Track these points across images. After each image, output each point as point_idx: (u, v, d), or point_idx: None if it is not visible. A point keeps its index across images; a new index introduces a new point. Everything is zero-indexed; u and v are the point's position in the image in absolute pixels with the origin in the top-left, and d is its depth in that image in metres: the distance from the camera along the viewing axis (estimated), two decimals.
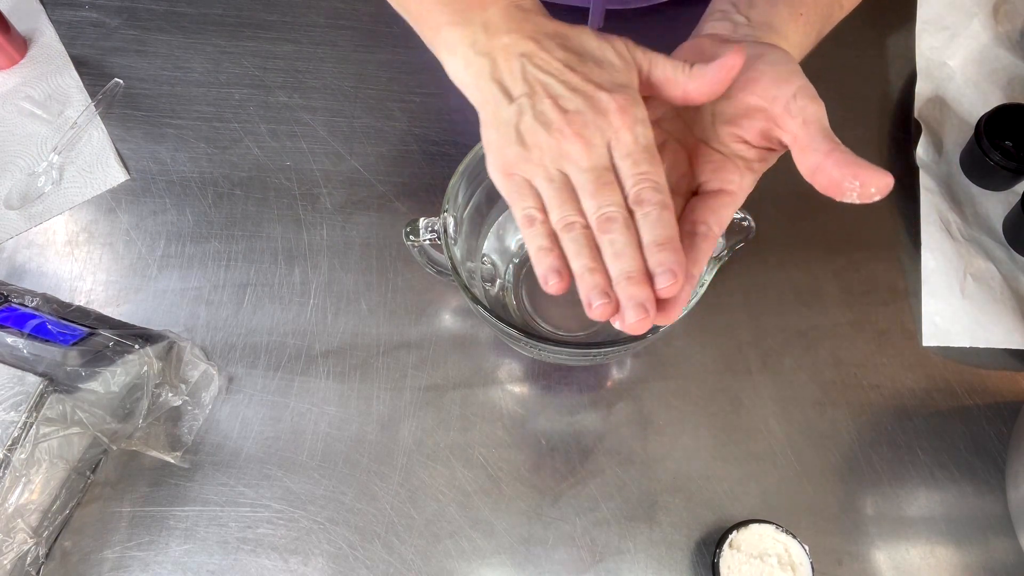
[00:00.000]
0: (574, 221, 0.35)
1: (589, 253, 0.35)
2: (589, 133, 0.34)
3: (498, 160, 0.36)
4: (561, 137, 0.34)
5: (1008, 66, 0.65)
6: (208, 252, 0.60)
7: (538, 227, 0.35)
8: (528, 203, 0.36)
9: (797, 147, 0.35)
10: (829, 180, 0.34)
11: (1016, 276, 0.58)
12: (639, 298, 0.33)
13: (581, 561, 0.51)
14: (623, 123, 0.34)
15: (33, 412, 0.45)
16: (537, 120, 0.35)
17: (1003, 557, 0.51)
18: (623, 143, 0.34)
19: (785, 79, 0.36)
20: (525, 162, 0.35)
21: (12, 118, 0.65)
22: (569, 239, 0.35)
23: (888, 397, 0.56)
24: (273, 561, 0.51)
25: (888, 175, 0.33)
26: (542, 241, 0.35)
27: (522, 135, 0.35)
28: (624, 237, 0.34)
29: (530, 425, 0.55)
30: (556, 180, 0.35)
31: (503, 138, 0.36)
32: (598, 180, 0.34)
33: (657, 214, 0.34)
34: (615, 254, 0.34)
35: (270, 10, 0.69)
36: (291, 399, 0.55)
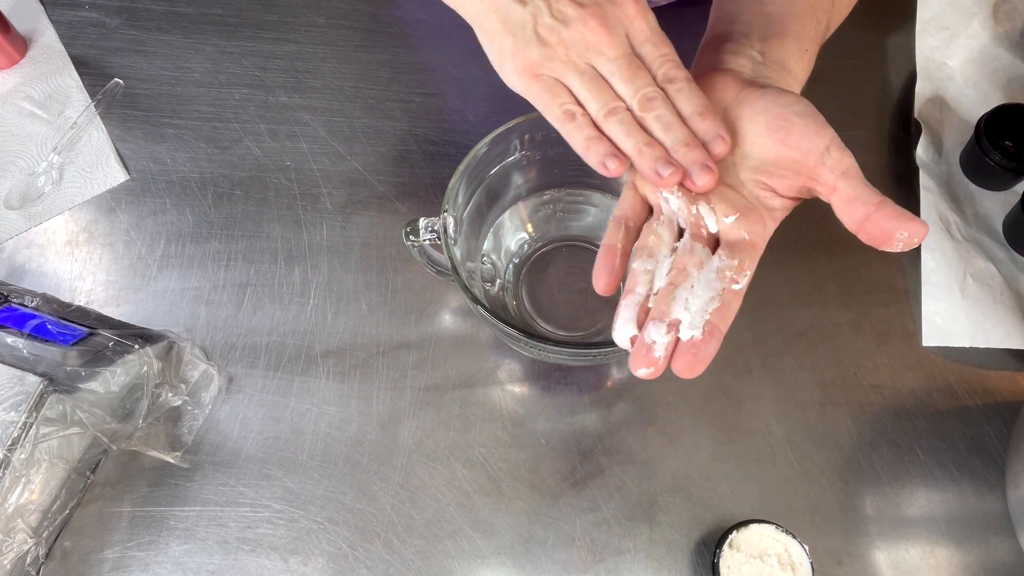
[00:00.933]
0: (617, 106, 0.36)
1: (639, 131, 0.36)
2: (610, 24, 0.36)
3: (520, 64, 0.37)
4: (585, 30, 0.35)
5: (1008, 66, 0.65)
6: (208, 252, 0.60)
7: (580, 119, 0.36)
8: (563, 99, 0.36)
9: (839, 199, 0.35)
10: (880, 232, 0.34)
11: (1016, 276, 0.58)
12: (701, 160, 0.35)
13: (581, 561, 0.51)
14: (637, 11, 0.36)
15: (33, 412, 0.45)
16: (555, 18, 0.36)
17: (1003, 557, 0.51)
18: (640, 30, 0.36)
19: (816, 132, 0.36)
20: (551, 60, 0.36)
21: (12, 118, 0.65)
22: (616, 122, 0.36)
23: (888, 397, 0.56)
24: (273, 561, 0.51)
25: (925, 225, 0.34)
26: (589, 131, 0.36)
27: (542, 35, 0.36)
28: (669, 111, 0.36)
29: (530, 425, 0.55)
30: (587, 72, 0.36)
31: (521, 41, 0.36)
32: (630, 65, 0.36)
33: (688, 88, 0.36)
34: (665, 127, 0.36)
35: (270, 10, 0.69)
36: (291, 399, 0.55)
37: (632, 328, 0.36)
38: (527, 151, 0.52)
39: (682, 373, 0.35)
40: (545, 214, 0.58)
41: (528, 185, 0.55)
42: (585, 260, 0.58)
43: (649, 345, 0.35)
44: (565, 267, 0.58)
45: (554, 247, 0.58)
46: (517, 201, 0.56)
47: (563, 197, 0.57)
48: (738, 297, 0.36)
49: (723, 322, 0.36)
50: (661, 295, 0.36)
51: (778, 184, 0.37)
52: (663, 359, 0.35)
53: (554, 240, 0.58)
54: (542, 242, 0.58)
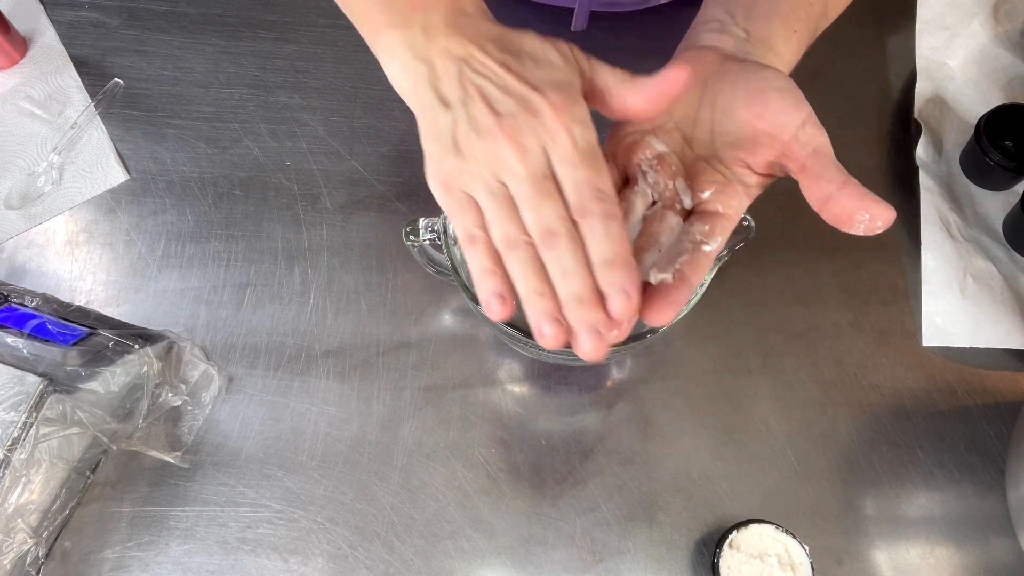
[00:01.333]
0: (517, 238, 0.32)
1: (535, 274, 0.32)
2: (523, 137, 0.32)
3: (437, 172, 0.34)
4: (494, 142, 0.32)
5: (1008, 66, 0.65)
6: (208, 252, 0.60)
7: (480, 247, 0.33)
8: (469, 219, 0.34)
9: (806, 176, 0.35)
10: (841, 211, 0.34)
11: (1016, 276, 0.58)
12: (592, 322, 0.31)
13: (581, 561, 0.51)
14: (559, 123, 0.32)
15: (33, 412, 0.45)
16: (471, 127, 0.33)
17: (1003, 557, 0.51)
18: (560, 146, 0.32)
19: (793, 107, 0.35)
20: (463, 174, 0.33)
21: (12, 118, 0.65)
22: (513, 258, 0.33)
23: (888, 397, 0.56)
24: (273, 561, 0.51)
25: (892, 209, 0.33)
26: (484, 262, 0.33)
27: (459, 144, 0.33)
28: (570, 253, 0.32)
29: (530, 425, 0.55)
30: (497, 192, 0.33)
31: (441, 149, 0.34)
32: (536, 190, 0.32)
33: (603, 227, 0.32)
34: (562, 273, 0.32)
35: (270, 10, 0.69)
36: (291, 399, 0.55)
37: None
38: None
39: (652, 319, 0.34)
40: None
41: None
42: None
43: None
44: None
45: None
46: None
47: None
48: (708, 257, 0.36)
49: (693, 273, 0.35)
50: None
51: (753, 159, 0.37)
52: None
53: None
54: None
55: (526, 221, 0.33)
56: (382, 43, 0.37)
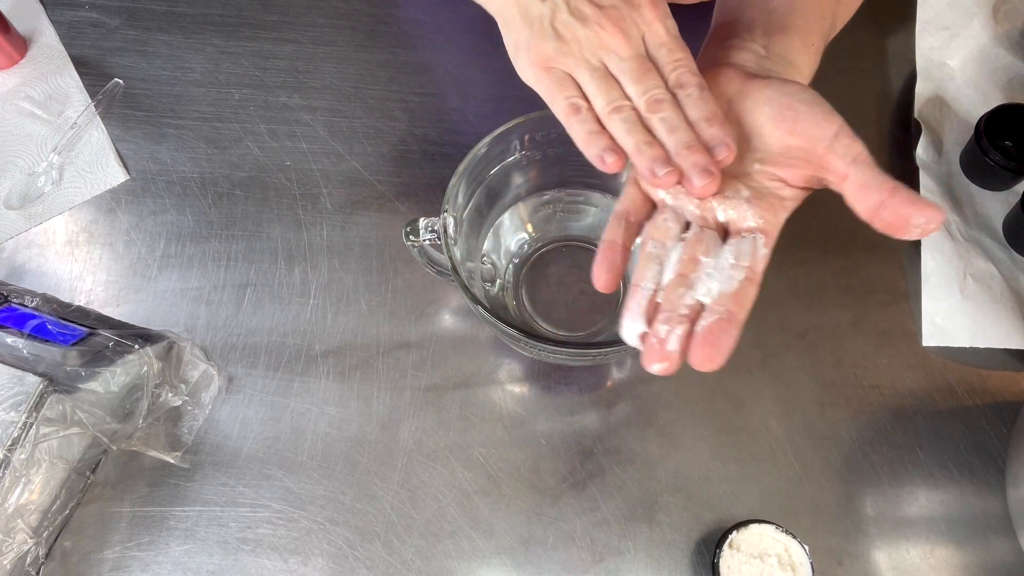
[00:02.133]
0: (622, 104, 0.36)
1: (642, 130, 0.36)
2: (626, 25, 0.36)
3: (534, 56, 0.37)
4: (600, 29, 0.36)
5: (1008, 66, 0.65)
6: (208, 252, 0.60)
7: (584, 113, 0.37)
8: (570, 92, 0.37)
9: (851, 187, 0.35)
10: (897, 217, 0.33)
11: (1016, 276, 0.58)
12: (703, 163, 0.35)
13: (581, 561, 0.51)
14: (655, 16, 0.37)
15: (33, 412, 0.45)
16: (573, 15, 0.36)
17: (1003, 557, 0.51)
18: (656, 34, 0.37)
19: (824, 119, 0.36)
20: (564, 55, 0.37)
21: (12, 118, 0.65)
22: (620, 119, 0.36)
23: (888, 397, 0.56)
24: (273, 561, 0.51)
25: (943, 211, 0.34)
26: (592, 126, 0.36)
27: (558, 30, 0.36)
28: (675, 114, 0.36)
29: (530, 425, 0.55)
30: (599, 70, 0.37)
31: (537, 34, 0.37)
32: (640, 67, 0.36)
33: (699, 93, 0.36)
34: (669, 129, 0.36)
35: (270, 10, 0.69)
36: (291, 399, 0.55)
37: (641, 324, 0.35)
38: (527, 151, 0.52)
39: (700, 365, 0.33)
40: (545, 214, 0.58)
41: (528, 185, 0.55)
42: (585, 260, 0.58)
43: (662, 339, 0.34)
44: (565, 267, 0.58)
45: (554, 247, 0.58)
46: (517, 201, 0.56)
47: (563, 197, 0.57)
48: (754, 284, 0.35)
49: (741, 309, 0.35)
50: (671, 286, 0.35)
51: (787, 174, 0.37)
52: (677, 352, 0.33)
53: (554, 240, 0.58)
54: (542, 242, 0.58)
55: (630, 92, 0.37)
56: None
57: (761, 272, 0.36)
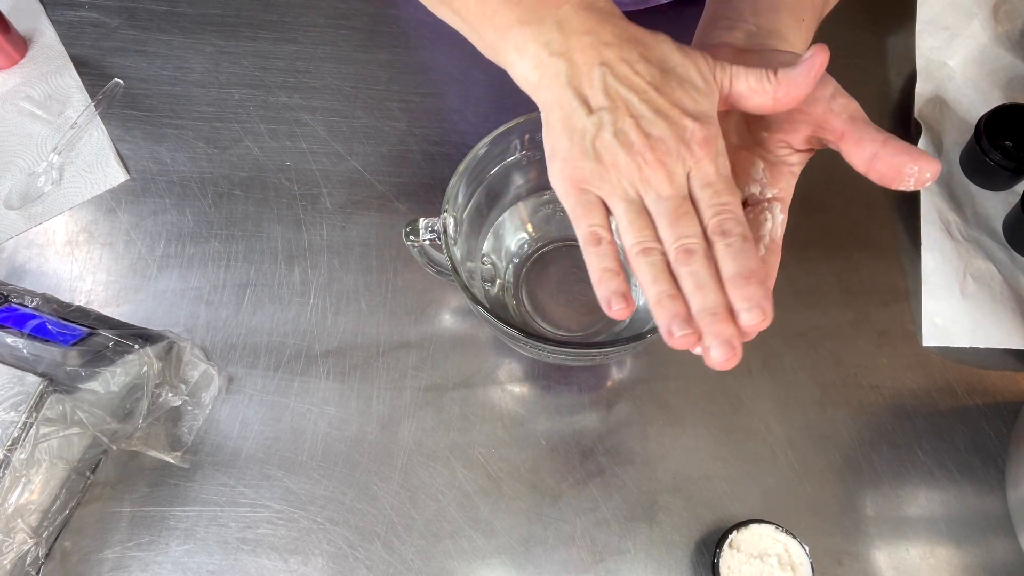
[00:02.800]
0: (652, 247, 0.34)
1: (667, 280, 0.33)
2: (671, 161, 0.33)
3: (570, 172, 0.35)
4: (643, 162, 0.33)
5: (1008, 66, 0.65)
6: (208, 252, 0.60)
7: (605, 247, 0.35)
8: (596, 220, 0.35)
9: (847, 142, 0.35)
10: (889, 167, 0.34)
11: (1016, 276, 0.58)
12: (725, 335, 0.32)
13: (581, 561, 0.51)
14: (706, 154, 0.34)
15: (33, 412, 0.45)
16: (617, 139, 0.34)
17: (1003, 557, 0.51)
18: (705, 173, 0.34)
19: (819, 81, 0.36)
20: (601, 180, 0.34)
21: (12, 118, 0.65)
22: (647, 263, 0.34)
23: (888, 397, 0.56)
24: (273, 561, 0.51)
25: (937, 162, 0.34)
26: (609, 263, 0.34)
27: (599, 151, 0.34)
28: (706, 270, 0.33)
29: (530, 425, 0.55)
30: (634, 204, 0.34)
31: (576, 149, 0.34)
32: (678, 209, 0.34)
33: (740, 245, 0.33)
34: (697, 286, 0.33)
35: (270, 10, 0.69)
36: (291, 399, 0.55)
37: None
38: (527, 151, 0.52)
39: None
40: (545, 214, 0.58)
41: (528, 185, 0.55)
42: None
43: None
44: (565, 267, 0.58)
45: (554, 247, 0.58)
46: (517, 201, 0.56)
47: None
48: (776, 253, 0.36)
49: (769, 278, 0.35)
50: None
51: (792, 138, 0.37)
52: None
53: (554, 240, 0.58)
54: (542, 242, 0.58)
55: (663, 236, 0.34)
56: (512, 41, 0.36)
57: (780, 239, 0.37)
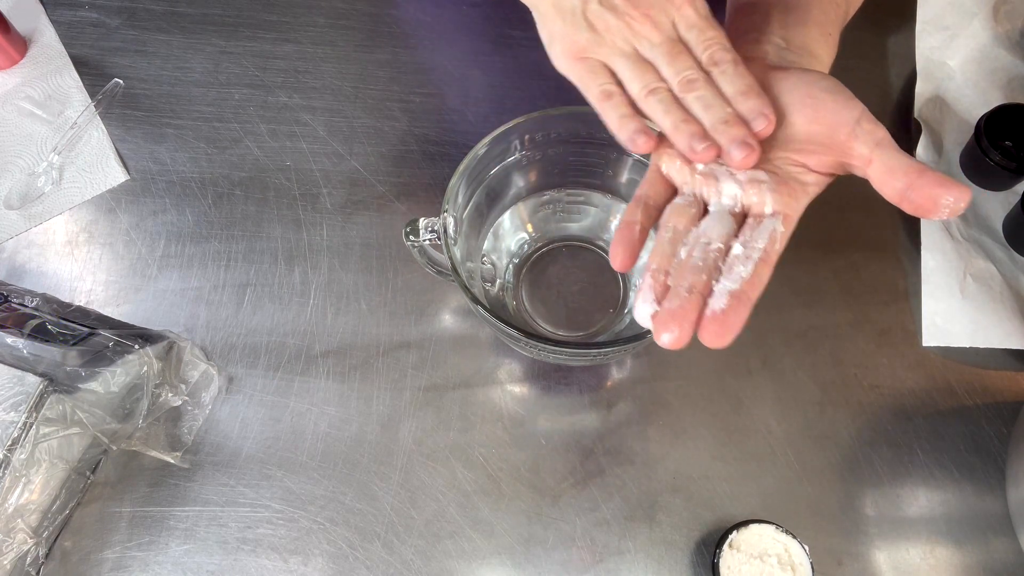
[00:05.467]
0: (658, 86, 0.37)
1: (679, 109, 0.36)
2: (655, 13, 0.37)
3: (568, 47, 0.38)
4: (630, 19, 0.37)
5: (1008, 66, 0.65)
6: (208, 252, 0.60)
7: (616, 99, 0.37)
8: (603, 79, 0.38)
9: (876, 171, 0.35)
10: (925, 199, 0.34)
11: (1016, 276, 0.58)
12: (740, 136, 0.35)
13: (581, 561, 0.51)
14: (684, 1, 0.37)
15: (33, 412, 0.45)
16: (603, 5, 0.37)
17: (1003, 557, 0.51)
18: (686, 17, 0.37)
19: (845, 106, 0.36)
20: (598, 45, 0.37)
21: (12, 118, 0.65)
22: (656, 100, 0.37)
23: (888, 397, 0.56)
24: (273, 561, 0.51)
25: (969, 190, 0.34)
26: (624, 110, 0.37)
27: (591, 21, 0.37)
28: (711, 91, 0.36)
29: (530, 425, 0.55)
30: (632, 56, 0.37)
31: (570, 25, 0.38)
32: (672, 49, 0.37)
33: (733, 68, 0.36)
34: (705, 106, 0.36)
35: (270, 10, 0.69)
36: (291, 399, 0.55)
37: (653, 305, 0.34)
38: (527, 151, 0.52)
39: (710, 341, 0.34)
40: (545, 214, 0.58)
41: (528, 185, 0.55)
42: (585, 260, 0.58)
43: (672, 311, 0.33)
44: (565, 267, 0.58)
45: (554, 247, 0.58)
46: (517, 201, 0.56)
47: (563, 197, 0.57)
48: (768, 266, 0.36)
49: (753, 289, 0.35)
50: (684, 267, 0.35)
51: (810, 160, 0.37)
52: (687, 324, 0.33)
53: (554, 240, 0.58)
54: (542, 242, 0.58)
55: (665, 75, 0.37)
56: None
57: (776, 254, 0.36)
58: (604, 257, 0.58)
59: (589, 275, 0.57)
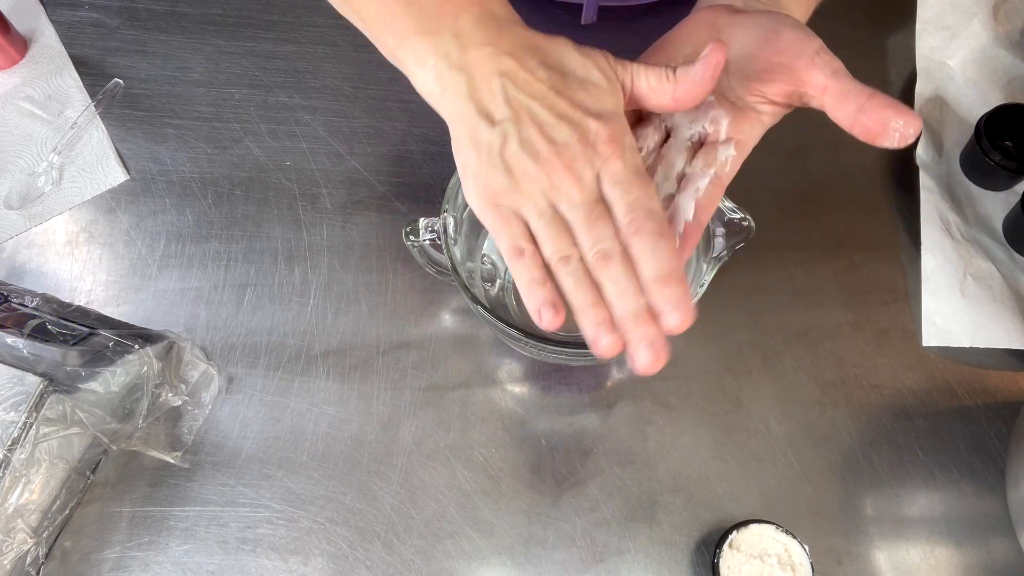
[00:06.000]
0: (570, 255, 0.34)
1: (589, 287, 0.34)
2: (579, 166, 0.33)
3: (481, 188, 0.35)
4: (551, 170, 0.33)
5: (1008, 66, 0.65)
6: (208, 252, 0.60)
7: (528, 258, 0.34)
8: (515, 232, 0.34)
9: (832, 96, 0.35)
10: (875, 121, 0.34)
11: (1016, 276, 0.58)
12: (649, 338, 0.32)
13: (581, 561, 0.51)
14: (612, 151, 0.34)
15: (33, 412, 0.45)
16: (524, 149, 0.33)
17: (1003, 557, 0.51)
18: (613, 172, 0.34)
19: (806, 38, 0.36)
20: (513, 192, 0.34)
21: (12, 118, 0.65)
22: (567, 273, 0.34)
23: (888, 397, 0.56)
24: (273, 561, 0.51)
25: (919, 118, 0.34)
26: (534, 273, 0.34)
27: (508, 163, 0.34)
28: (624, 274, 0.33)
29: (530, 425, 0.55)
30: (547, 214, 0.34)
31: (485, 164, 0.34)
32: (591, 214, 0.34)
33: (655, 244, 0.33)
34: (618, 292, 0.33)
35: (270, 10, 0.69)
36: (291, 399, 0.55)
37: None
38: None
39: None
40: None
41: None
42: None
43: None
44: None
45: None
46: None
47: None
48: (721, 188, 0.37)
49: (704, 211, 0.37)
50: None
51: (768, 89, 0.37)
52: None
53: None
54: None
55: (580, 243, 0.34)
56: (410, 51, 0.35)
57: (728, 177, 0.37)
58: None
59: None
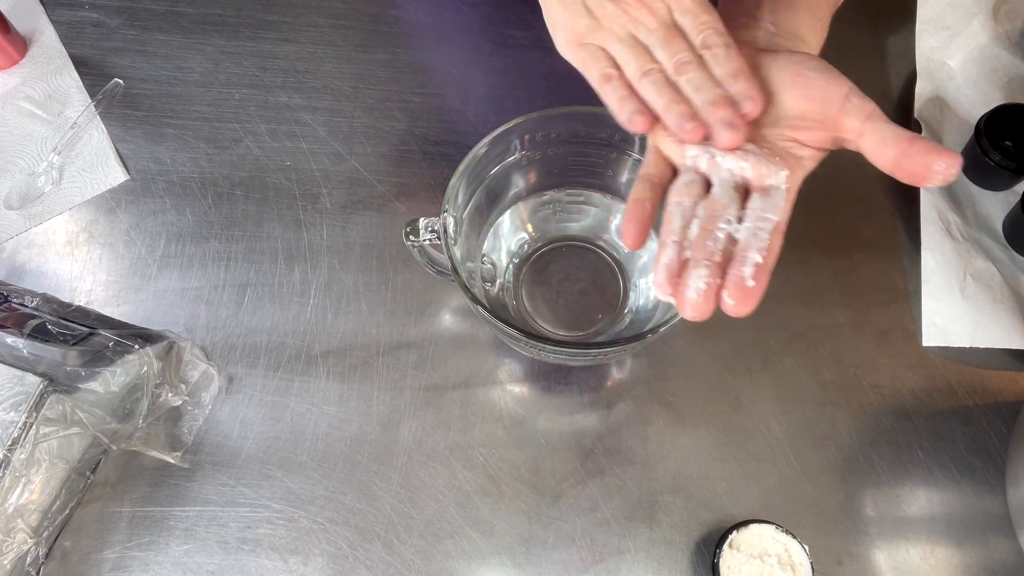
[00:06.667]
0: (652, 68, 0.38)
1: (671, 90, 0.38)
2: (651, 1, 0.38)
3: (569, 33, 0.40)
4: (627, 6, 0.38)
5: (1008, 66, 0.65)
6: (208, 252, 0.60)
7: (615, 82, 0.39)
8: (603, 64, 0.39)
9: (870, 142, 0.36)
10: (918, 166, 0.35)
11: (1016, 276, 0.58)
12: (727, 118, 0.36)
13: (581, 561, 0.51)
14: None
15: (33, 412, 0.45)
16: None
17: (1003, 557, 0.51)
18: (681, 3, 0.38)
19: (834, 82, 0.37)
20: (596, 31, 0.39)
21: (12, 118, 0.65)
22: (649, 82, 0.38)
23: (888, 397, 0.56)
24: (273, 561, 0.51)
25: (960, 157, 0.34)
26: (622, 92, 0.38)
27: (590, 8, 0.39)
28: (701, 74, 0.37)
29: (530, 425, 0.55)
30: (627, 40, 0.39)
31: (571, 13, 0.39)
32: (667, 34, 0.38)
33: (725, 52, 0.37)
34: (696, 88, 0.37)
35: (270, 10, 0.69)
36: (291, 399, 0.55)
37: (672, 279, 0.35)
38: (527, 151, 0.52)
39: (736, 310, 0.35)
40: (545, 214, 0.58)
41: (528, 185, 0.55)
42: (585, 260, 0.58)
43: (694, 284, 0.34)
44: (565, 267, 0.58)
45: (554, 247, 0.58)
46: (517, 201, 0.56)
47: (563, 197, 0.57)
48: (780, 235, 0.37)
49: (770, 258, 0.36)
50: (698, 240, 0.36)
51: (803, 136, 0.38)
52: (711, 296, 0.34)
53: (554, 240, 0.58)
54: (542, 242, 0.58)
55: (659, 58, 0.38)
56: None
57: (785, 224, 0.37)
58: (604, 257, 0.58)
59: (589, 275, 0.57)
